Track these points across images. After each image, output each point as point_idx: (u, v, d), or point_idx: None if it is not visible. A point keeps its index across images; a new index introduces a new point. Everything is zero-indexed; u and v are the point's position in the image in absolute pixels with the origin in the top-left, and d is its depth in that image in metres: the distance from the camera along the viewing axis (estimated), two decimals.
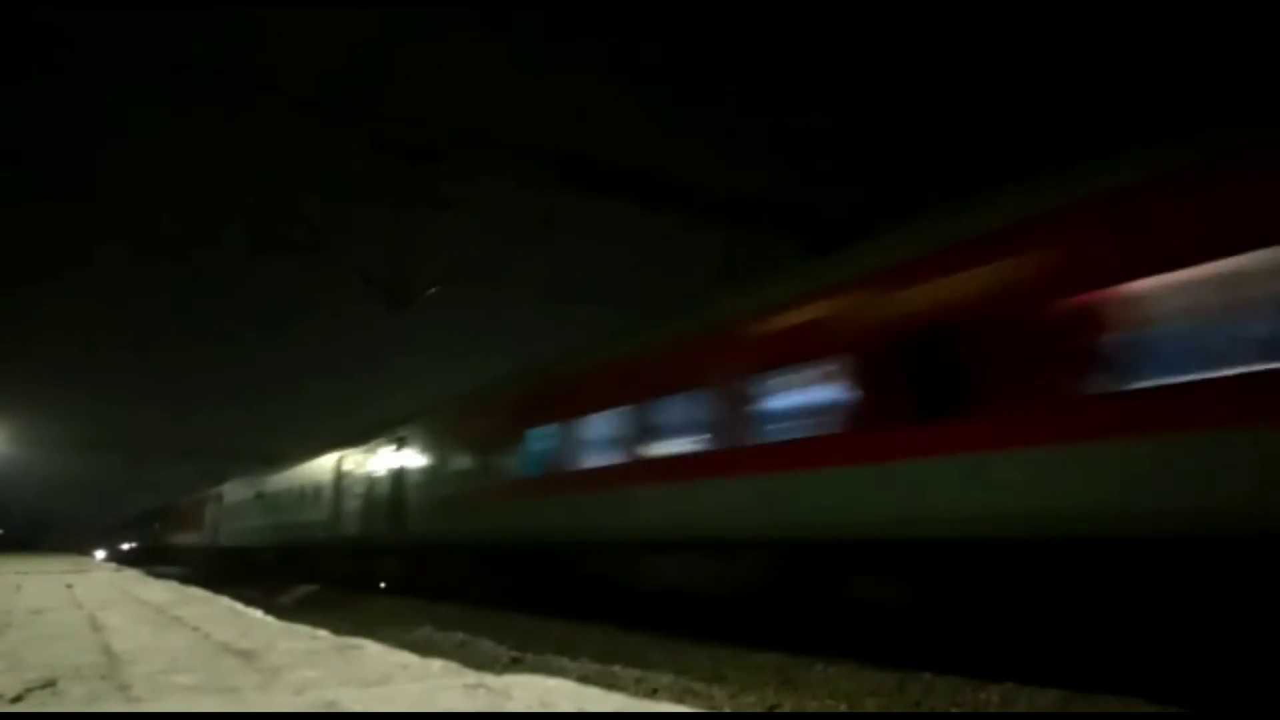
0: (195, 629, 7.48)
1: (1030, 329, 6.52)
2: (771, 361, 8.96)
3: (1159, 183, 6.06)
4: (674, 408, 10.34)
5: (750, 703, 6.16)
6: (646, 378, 10.95)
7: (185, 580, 20.95)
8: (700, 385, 9.93)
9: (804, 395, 8.61)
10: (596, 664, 7.82)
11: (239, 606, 10.43)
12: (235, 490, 34.91)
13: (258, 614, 9.40)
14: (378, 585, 20.39)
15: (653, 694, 6.26)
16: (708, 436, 9.70)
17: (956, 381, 7.03)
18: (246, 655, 5.60)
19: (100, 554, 64.18)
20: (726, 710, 6.00)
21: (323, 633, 7.02)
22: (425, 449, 17.30)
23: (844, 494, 7.83)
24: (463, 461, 15.51)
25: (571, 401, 12.41)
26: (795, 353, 8.70)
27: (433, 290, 15.26)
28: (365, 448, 20.53)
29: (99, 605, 10.27)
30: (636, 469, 10.70)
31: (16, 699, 4.03)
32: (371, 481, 19.76)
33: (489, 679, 4.48)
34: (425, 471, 17.12)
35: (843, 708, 6.03)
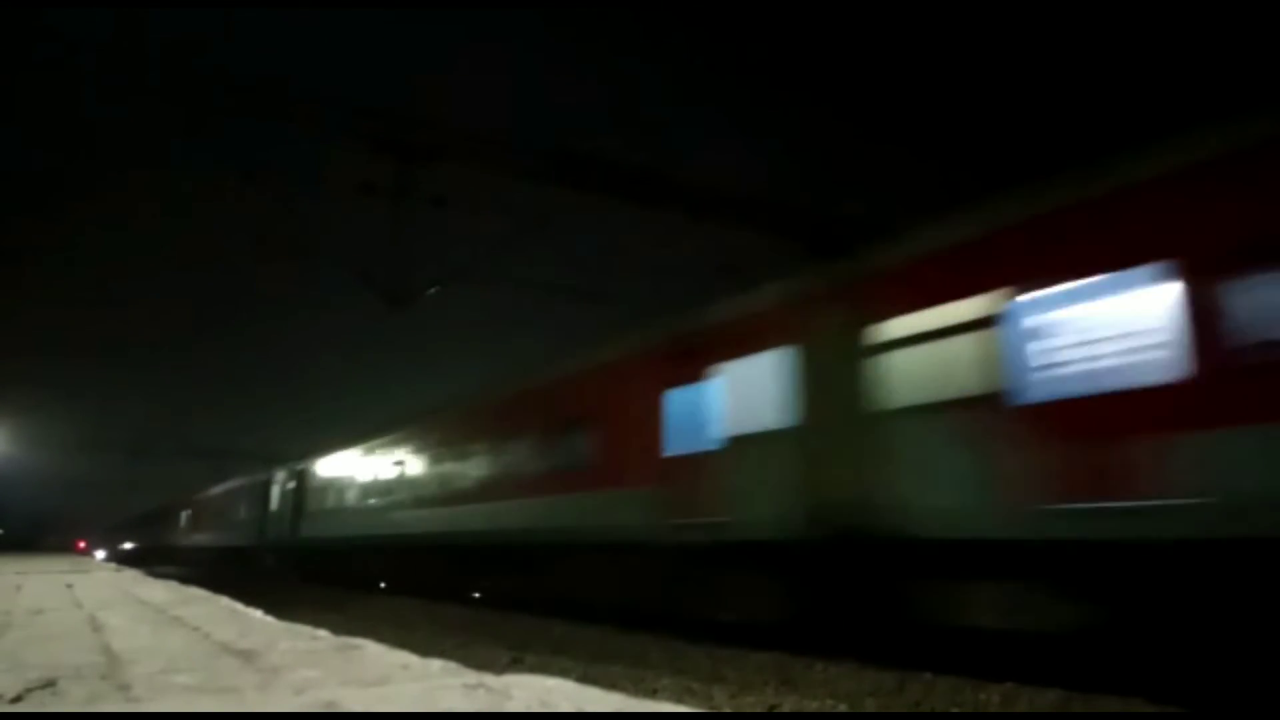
0: (195, 629, 7.47)
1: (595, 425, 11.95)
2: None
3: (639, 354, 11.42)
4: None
5: (750, 703, 6.15)
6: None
7: (185, 580, 20.95)
8: None
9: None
10: (596, 664, 7.81)
11: (239, 606, 10.42)
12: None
13: (258, 614, 9.38)
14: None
15: (652, 694, 6.25)
16: None
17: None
18: (246, 655, 5.59)
19: (100, 554, 64.22)
20: (726, 710, 6.00)
21: (323, 633, 7.01)
22: None
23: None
24: None
25: None
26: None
27: (433, 290, 15.24)
28: None
29: (99, 605, 10.26)
30: None
31: (16, 699, 4.03)
32: None
33: (489, 679, 4.47)
34: None
35: (843, 708, 6.02)
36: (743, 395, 9.28)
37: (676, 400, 10.34)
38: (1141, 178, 6.27)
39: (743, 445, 9.14)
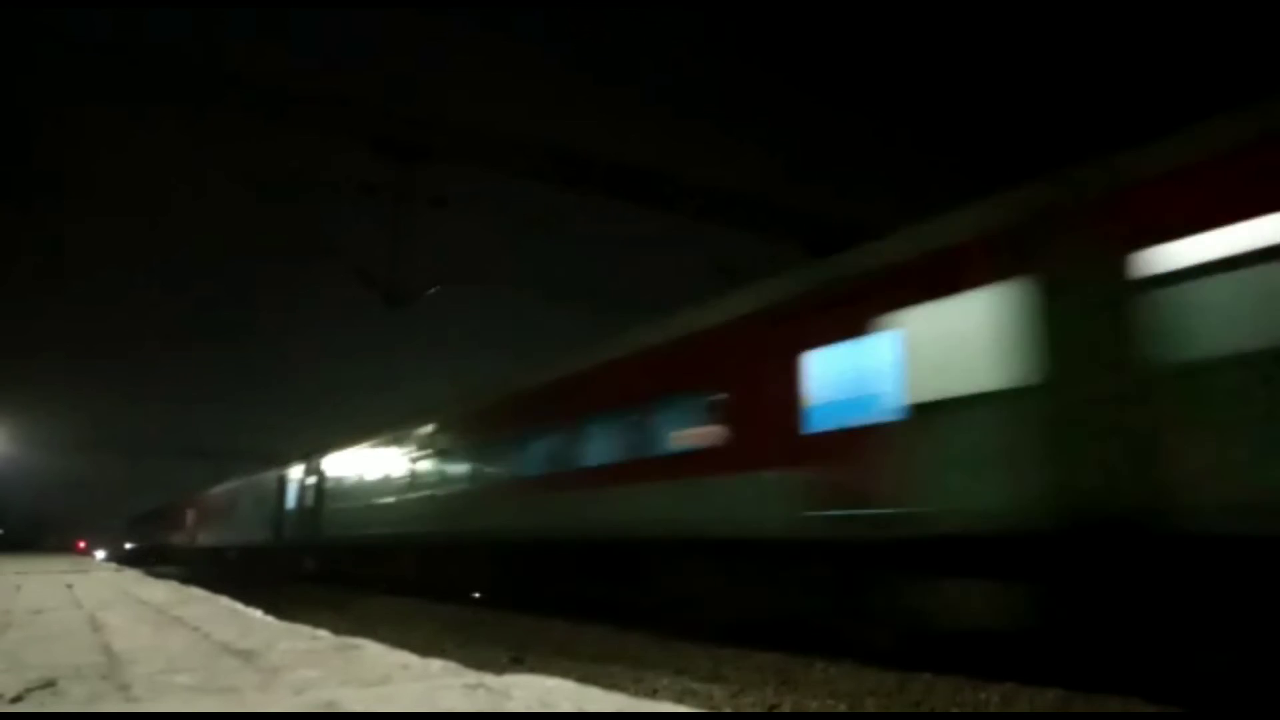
0: (195, 629, 7.47)
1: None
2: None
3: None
4: None
5: (750, 703, 6.15)
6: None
7: (185, 580, 20.94)
8: None
9: None
10: (596, 664, 7.81)
11: (239, 606, 10.42)
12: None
13: (258, 614, 9.39)
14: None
15: (653, 694, 6.25)
16: None
17: None
18: (246, 655, 5.60)
19: (100, 554, 64.28)
20: (726, 710, 5.99)
21: (323, 633, 7.02)
22: None
23: None
24: None
25: None
26: None
27: (432, 290, 15.25)
28: None
29: (99, 605, 10.27)
30: None
31: (16, 699, 4.03)
32: None
33: (489, 679, 4.47)
34: None
35: (843, 708, 6.02)
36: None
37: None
38: None
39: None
